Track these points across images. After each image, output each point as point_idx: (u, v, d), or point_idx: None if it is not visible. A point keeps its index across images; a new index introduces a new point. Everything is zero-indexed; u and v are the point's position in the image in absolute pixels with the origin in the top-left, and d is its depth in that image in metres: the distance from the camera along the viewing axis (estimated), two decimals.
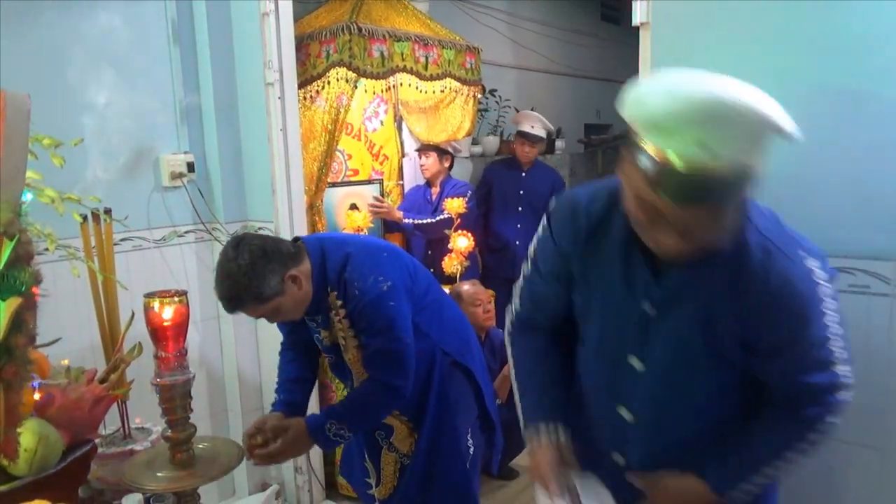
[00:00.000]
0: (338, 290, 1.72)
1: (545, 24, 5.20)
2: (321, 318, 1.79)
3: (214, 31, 2.61)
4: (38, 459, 1.01)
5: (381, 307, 1.69)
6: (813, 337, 1.03)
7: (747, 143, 0.89)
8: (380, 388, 1.73)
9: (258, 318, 1.70)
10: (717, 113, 0.86)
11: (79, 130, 2.30)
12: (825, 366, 1.04)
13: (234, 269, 1.58)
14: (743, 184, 0.92)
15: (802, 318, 1.02)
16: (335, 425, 1.70)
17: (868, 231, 1.40)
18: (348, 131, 3.30)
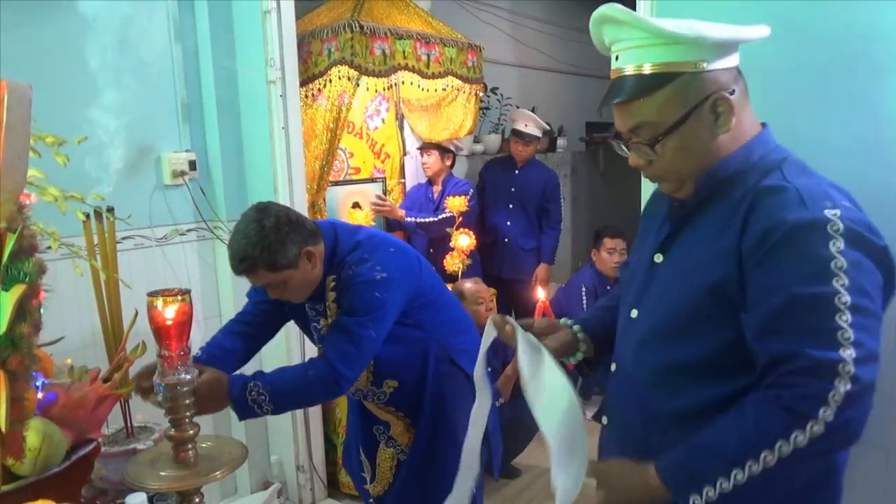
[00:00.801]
0: (336, 274, 1.70)
1: (547, 23, 5.20)
2: (322, 306, 1.76)
3: (216, 30, 2.60)
4: (42, 459, 1.01)
5: (366, 292, 1.65)
6: (810, 296, 0.86)
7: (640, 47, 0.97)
8: (322, 368, 1.63)
9: (263, 286, 1.66)
10: (608, 16, 0.99)
11: (81, 129, 2.29)
12: (821, 335, 0.84)
13: (254, 230, 1.56)
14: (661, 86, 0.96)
15: (794, 269, 0.88)
16: (258, 390, 1.57)
17: None
18: (350, 129, 3.30)
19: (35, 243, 0.85)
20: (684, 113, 0.98)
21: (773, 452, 0.85)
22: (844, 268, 0.86)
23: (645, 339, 1.08)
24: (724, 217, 0.99)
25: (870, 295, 0.87)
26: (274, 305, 1.81)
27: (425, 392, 1.85)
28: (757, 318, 0.91)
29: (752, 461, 0.86)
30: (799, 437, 0.84)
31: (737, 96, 1.00)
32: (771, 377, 0.89)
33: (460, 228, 3.39)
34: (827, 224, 0.89)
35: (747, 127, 1.03)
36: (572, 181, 5.54)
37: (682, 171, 1.02)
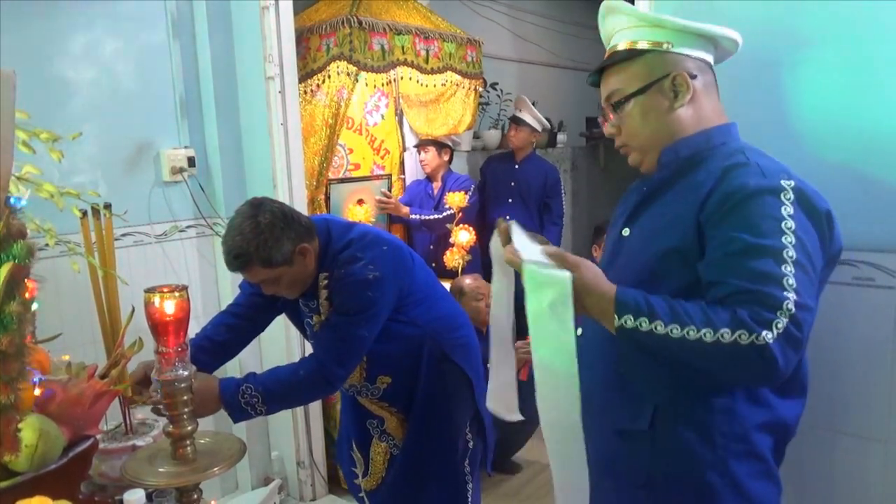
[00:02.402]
0: (328, 272, 1.70)
1: (547, 17, 5.18)
2: (315, 302, 1.76)
3: (214, 26, 2.60)
4: (38, 455, 1.00)
5: (358, 292, 1.66)
6: (763, 246, 0.97)
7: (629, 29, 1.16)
8: (314, 368, 1.64)
9: (257, 282, 1.65)
10: (609, 7, 1.19)
11: (78, 125, 2.28)
12: (771, 278, 0.95)
13: (249, 227, 1.56)
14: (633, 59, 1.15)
15: (749, 224, 0.99)
16: (251, 392, 1.57)
17: (872, 223, 1.39)
18: (349, 125, 3.29)
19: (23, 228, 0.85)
20: (648, 83, 1.14)
21: (714, 334, 0.94)
22: (793, 229, 0.99)
23: None
24: (685, 192, 1.10)
25: (810, 256, 1.00)
26: (266, 298, 1.81)
27: (418, 387, 1.85)
28: (714, 261, 1.02)
29: (692, 328, 0.95)
30: (743, 336, 0.93)
31: (699, 83, 1.15)
32: (725, 303, 0.98)
33: (460, 224, 3.39)
34: (781, 192, 1.01)
35: (710, 115, 1.16)
36: (572, 176, 5.53)
37: (641, 137, 1.17)
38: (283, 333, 2.71)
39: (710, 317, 0.95)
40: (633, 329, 0.98)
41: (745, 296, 0.96)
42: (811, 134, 1.46)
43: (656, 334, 0.97)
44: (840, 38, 1.41)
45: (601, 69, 1.21)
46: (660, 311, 0.98)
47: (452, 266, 3.36)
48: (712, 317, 0.95)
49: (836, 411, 1.47)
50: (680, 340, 0.96)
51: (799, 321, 0.94)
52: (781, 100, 1.48)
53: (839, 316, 1.44)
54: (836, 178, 1.42)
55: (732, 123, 1.19)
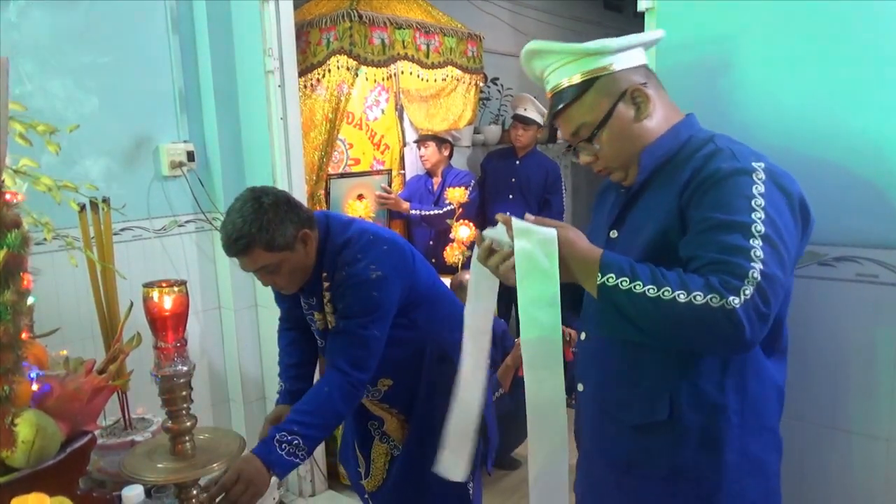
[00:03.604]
0: (328, 271, 1.67)
1: (547, 13, 5.16)
2: (315, 299, 1.74)
3: (214, 19, 2.58)
4: (36, 451, 1.00)
5: (363, 293, 1.63)
6: (733, 222, 1.03)
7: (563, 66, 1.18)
8: (338, 380, 1.59)
9: (255, 269, 1.59)
10: (533, 50, 1.21)
11: (77, 119, 2.28)
12: (739, 250, 1.01)
13: (251, 208, 1.53)
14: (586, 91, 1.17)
15: (721, 203, 1.04)
16: (286, 439, 1.50)
17: (876, 219, 1.38)
18: (349, 120, 3.28)
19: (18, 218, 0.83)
20: (609, 107, 1.16)
21: (687, 296, 0.99)
22: (763, 206, 1.04)
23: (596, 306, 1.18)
24: (666, 187, 1.14)
25: (780, 231, 1.04)
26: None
27: (420, 388, 1.84)
28: (690, 239, 1.08)
29: (667, 289, 1.00)
30: (713, 300, 0.97)
31: (651, 88, 1.18)
32: (700, 273, 1.03)
33: (460, 220, 3.38)
34: (752, 172, 1.07)
35: (669, 113, 1.20)
36: (573, 172, 5.51)
37: (621, 157, 1.20)
38: None
39: (685, 281, 1.00)
40: (614, 287, 1.02)
41: (715, 266, 1.01)
42: (814, 131, 1.45)
43: (634, 293, 1.01)
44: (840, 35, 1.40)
45: (557, 113, 1.22)
46: (640, 272, 1.03)
47: (452, 262, 3.35)
48: (687, 281, 1.00)
49: (838, 408, 1.46)
50: (655, 300, 0.99)
51: (764, 290, 0.99)
52: (782, 98, 1.47)
53: (842, 312, 1.43)
54: (839, 175, 1.41)
55: (690, 115, 1.23)
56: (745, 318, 0.97)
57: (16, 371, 0.87)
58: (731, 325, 0.97)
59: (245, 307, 2.76)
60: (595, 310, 1.09)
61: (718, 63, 1.55)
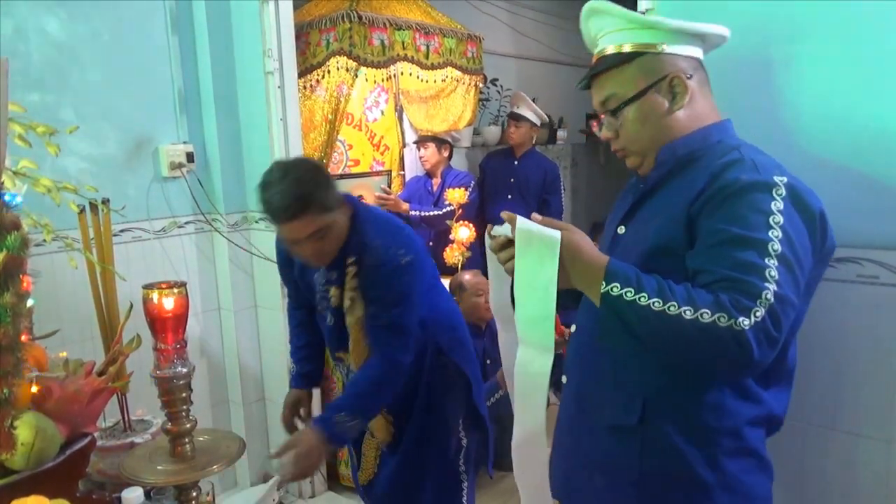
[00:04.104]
0: (354, 252, 1.67)
1: (546, 13, 5.16)
2: (337, 274, 1.72)
3: (213, 20, 2.58)
4: (35, 453, 0.99)
5: (395, 280, 1.65)
6: (749, 238, 0.98)
7: (616, 32, 1.14)
8: (385, 367, 1.68)
9: (305, 236, 1.56)
10: (594, 8, 1.20)
11: (77, 121, 2.27)
12: (753, 269, 0.96)
13: (304, 169, 1.56)
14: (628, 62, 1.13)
15: (737, 216, 1.00)
16: (343, 418, 1.63)
17: (876, 220, 1.38)
18: (349, 121, 3.28)
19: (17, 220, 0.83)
20: (645, 86, 1.12)
21: (693, 312, 0.94)
22: (781, 223, 0.99)
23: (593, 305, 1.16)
24: (680, 189, 1.10)
25: (797, 253, 0.99)
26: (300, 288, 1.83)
27: (420, 389, 1.85)
28: (700, 251, 1.03)
29: (673, 304, 0.95)
30: (721, 319, 0.93)
31: (695, 82, 1.14)
32: (709, 289, 0.98)
33: (460, 221, 3.38)
34: (773, 187, 1.01)
35: (706, 113, 1.15)
36: (572, 173, 5.51)
37: (641, 142, 1.16)
38: (283, 338, 2.70)
39: (692, 297, 0.96)
40: (618, 297, 0.98)
41: (727, 283, 0.96)
42: (815, 131, 1.44)
43: (638, 305, 0.97)
44: (840, 33, 1.40)
45: (593, 75, 1.18)
46: (646, 284, 0.98)
47: (452, 262, 3.35)
48: (695, 297, 0.96)
49: (839, 409, 1.46)
50: (660, 314, 0.95)
51: (777, 313, 0.94)
52: (784, 97, 1.47)
53: (843, 313, 1.43)
54: (840, 175, 1.41)
55: (728, 120, 1.18)
56: (754, 340, 0.93)
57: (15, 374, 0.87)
58: (738, 347, 0.93)
59: (244, 308, 2.76)
60: (596, 316, 1.05)
61: (716, 63, 1.55)
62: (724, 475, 1.09)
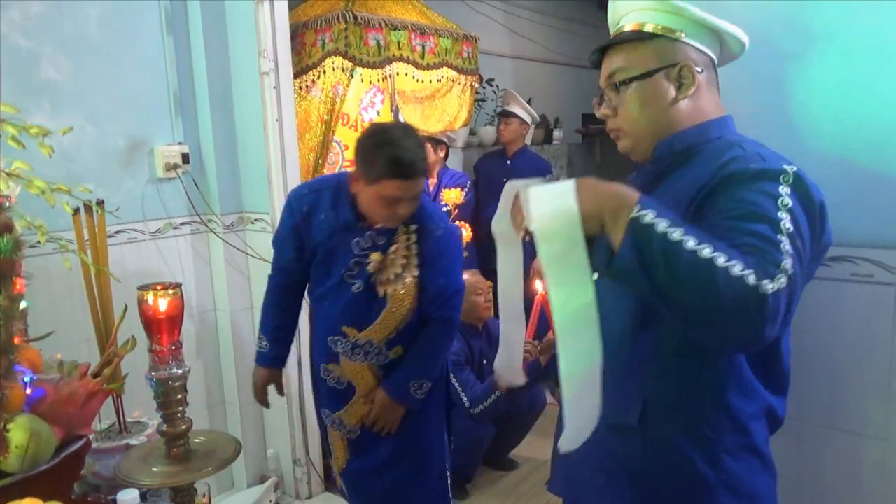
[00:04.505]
0: (419, 225, 1.81)
1: (542, 13, 5.17)
2: (386, 239, 1.79)
3: (208, 20, 2.57)
4: (29, 456, 0.99)
5: (456, 249, 1.90)
6: (762, 215, 0.95)
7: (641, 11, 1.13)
8: (447, 326, 1.89)
9: (416, 193, 1.71)
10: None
11: (71, 121, 2.27)
12: (766, 239, 0.92)
13: (416, 139, 1.70)
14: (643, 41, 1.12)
15: (747, 196, 0.97)
16: (415, 383, 1.84)
17: (871, 219, 1.39)
18: (345, 122, 3.27)
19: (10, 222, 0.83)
20: (655, 68, 1.11)
21: (726, 260, 0.89)
22: (789, 206, 0.98)
23: (604, 300, 1.10)
24: (680, 185, 1.08)
25: (803, 237, 0.98)
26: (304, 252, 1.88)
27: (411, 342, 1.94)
28: (713, 225, 0.97)
29: (708, 247, 0.90)
30: (750, 277, 0.88)
31: (703, 78, 1.13)
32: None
33: (456, 221, 3.38)
34: (781, 174, 1.00)
35: (710, 110, 1.14)
36: (568, 173, 5.52)
37: (638, 124, 1.14)
38: None
39: (727, 249, 0.90)
40: (648, 225, 0.91)
41: (750, 248, 0.91)
42: (810, 128, 1.45)
43: (669, 240, 0.90)
44: (842, 31, 1.40)
45: (606, 47, 1.17)
46: (679, 222, 0.92)
47: None
48: (728, 250, 0.90)
49: (834, 408, 1.46)
50: (692, 254, 0.89)
51: (793, 287, 0.91)
52: (781, 93, 1.47)
53: (838, 312, 1.43)
54: (835, 173, 1.41)
55: (728, 116, 1.17)
56: (772, 308, 0.87)
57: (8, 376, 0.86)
58: (757, 311, 0.87)
59: (240, 309, 2.75)
60: (611, 254, 0.97)
61: None
62: (726, 474, 1.08)
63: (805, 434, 1.50)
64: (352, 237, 1.78)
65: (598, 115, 1.20)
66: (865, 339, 1.40)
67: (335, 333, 1.86)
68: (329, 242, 1.81)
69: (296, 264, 1.89)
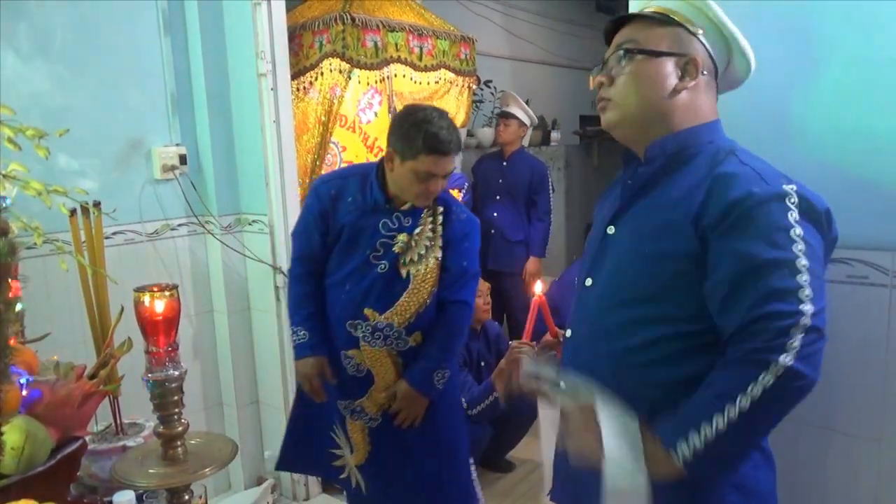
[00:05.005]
0: (444, 205, 1.92)
1: (540, 15, 5.17)
2: (412, 220, 1.88)
3: (206, 21, 2.57)
4: (25, 457, 0.99)
5: (476, 236, 1.97)
6: (774, 260, 0.97)
7: None
8: (464, 310, 1.95)
9: (448, 172, 1.82)
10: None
11: (68, 122, 2.26)
12: (786, 293, 0.96)
13: (450, 119, 1.83)
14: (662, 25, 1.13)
15: (760, 236, 0.99)
16: (439, 373, 1.90)
17: (866, 220, 1.39)
18: (342, 123, 3.27)
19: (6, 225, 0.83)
20: (665, 50, 1.12)
21: (745, 396, 0.95)
22: (802, 235, 0.99)
23: (602, 306, 1.16)
24: (674, 194, 1.09)
25: (820, 259, 1.01)
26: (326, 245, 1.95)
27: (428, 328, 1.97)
28: (725, 279, 1.01)
29: (729, 404, 0.96)
30: (767, 379, 0.94)
31: (705, 80, 1.14)
32: (739, 339, 0.99)
33: None
34: (786, 197, 1.01)
35: (704, 111, 1.15)
36: (566, 174, 5.52)
37: (630, 101, 1.14)
38: (276, 340, 2.70)
39: (731, 383, 0.97)
40: (695, 452, 0.98)
41: (756, 325, 0.96)
42: (805, 132, 1.45)
43: (710, 439, 0.97)
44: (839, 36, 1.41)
45: (626, 18, 1.17)
46: (696, 412, 0.99)
47: None
48: (735, 381, 0.96)
49: (830, 409, 1.47)
50: (731, 425, 0.96)
51: (818, 329, 0.96)
52: (776, 98, 1.48)
53: (833, 314, 1.41)
54: (830, 176, 1.41)
55: (717, 120, 1.18)
56: (803, 366, 0.94)
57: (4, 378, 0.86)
58: (792, 383, 0.95)
59: (238, 310, 2.75)
60: (590, 321, 1.07)
61: None
62: (733, 473, 1.09)
63: (800, 435, 1.50)
64: (379, 219, 1.86)
65: (590, 84, 1.20)
66: (860, 341, 1.41)
67: (355, 317, 1.88)
68: (356, 224, 1.87)
69: (322, 250, 1.93)
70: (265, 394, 2.83)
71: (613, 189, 1.29)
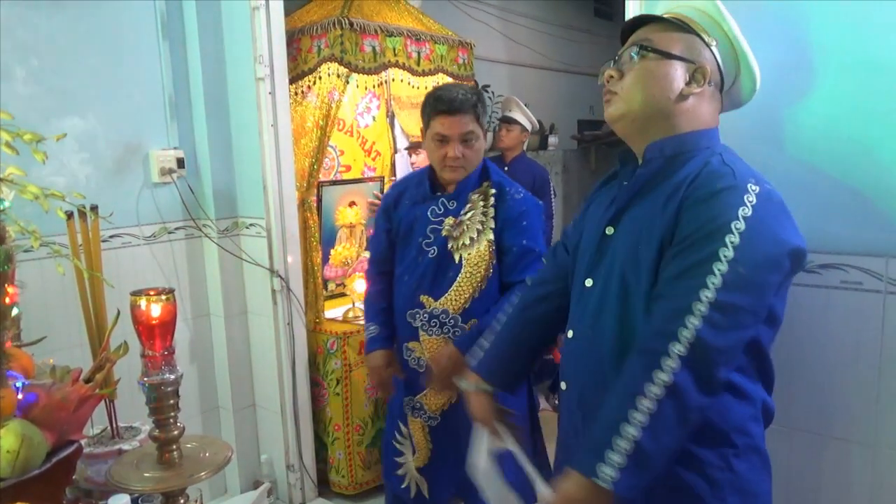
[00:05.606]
0: (497, 189, 1.92)
1: (538, 20, 5.19)
2: (458, 203, 1.92)
3: (204, 26, 2.58)
4: (21, 461, 0.99)
5: (536, 215, 1.94)
6: (700, 240, 1.03)
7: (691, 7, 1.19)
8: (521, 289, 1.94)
9: (463, 132, 1.85)
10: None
11: (66, 127, 2.27)
12: (692, 276, 1.02)
13: (471, 88, 1.89)
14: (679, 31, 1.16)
15: (705, 225, 1.03)
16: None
17: (860, 226, 1.40)
18: (340, 127, 3.28)
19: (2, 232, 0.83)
20: (678, 55, 1.15)
21: (645, 397, 1.00)
22: (742, 230, 1.01)
23: (603, 308, 1.18)
24: (666, 195, 1.12)
25: (754, 259, 1.02)
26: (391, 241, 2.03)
27: None
28: (663, 273, 1.08)
29: (631, 410, 1.00)
30: (660, 375, 1.00)
31: (711, 89, 1.18)
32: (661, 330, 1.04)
33: None
34: (744, 194, 1.04)
35: (706, 118, 1.18)
36: (564, 179, 5.54)
37: (637, 96, 1.16)
38: (273, 344, 2.70)
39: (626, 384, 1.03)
40: (619, 472, 1.00)
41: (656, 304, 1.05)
42: (800, 139, 1.46)
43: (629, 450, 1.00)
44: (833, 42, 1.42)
45: (646, 20, 1.20)
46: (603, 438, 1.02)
47: None
48: (627, 380, 1.04)
49: (824, 415, 1.47)
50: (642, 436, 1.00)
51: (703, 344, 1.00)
52: (769, 104, 1.49)
53: (827, 319, 1.44)
54: (824, 183, 1.42)
55: (715, 128, 1.20)
56: (687, 382, 0.99)
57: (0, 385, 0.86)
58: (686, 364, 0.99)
59: (235, 314, 2.75)
60: (592, 322, 1.11)
61: None
62: (735, 475, 1.11)
63: (794, 440, 1.50)
64: (428, 207, 1.95)
65: (600, 79, 1.23)
66: (854, 346, 1.42)
67: (413, 306, 1.94)
68: (410, 216, 1.97)
69: (389, 249, 2.04)
70: (262, 397, 2.83)
71: (608, 187, 1.31)
